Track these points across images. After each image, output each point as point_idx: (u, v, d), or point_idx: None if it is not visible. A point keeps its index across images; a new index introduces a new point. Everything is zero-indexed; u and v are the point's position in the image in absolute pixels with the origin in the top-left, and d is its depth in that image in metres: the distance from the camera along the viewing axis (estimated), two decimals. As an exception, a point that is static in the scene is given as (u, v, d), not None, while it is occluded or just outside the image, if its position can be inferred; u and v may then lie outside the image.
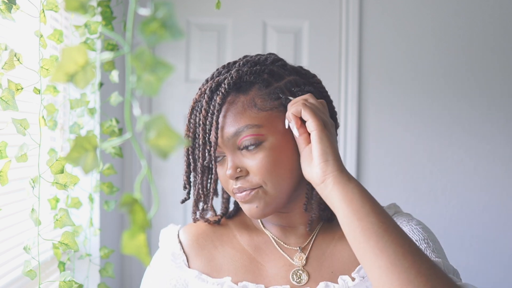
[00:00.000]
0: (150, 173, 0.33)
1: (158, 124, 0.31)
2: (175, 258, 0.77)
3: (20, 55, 0.83)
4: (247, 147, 0.70)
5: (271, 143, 0.70)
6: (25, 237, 1.08)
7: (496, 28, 1.92)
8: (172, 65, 0.32)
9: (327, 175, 0.66)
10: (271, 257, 0.77)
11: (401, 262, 0.57)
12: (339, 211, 0.64)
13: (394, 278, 0.57)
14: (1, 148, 0.83)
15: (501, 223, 1.93)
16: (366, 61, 1.92)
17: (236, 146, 0.71)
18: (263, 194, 0.71)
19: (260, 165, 0.69)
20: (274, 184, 0.70)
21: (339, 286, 0.72)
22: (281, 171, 0.70)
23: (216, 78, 0.74)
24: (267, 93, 0.72)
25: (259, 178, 0.70)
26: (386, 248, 0.59)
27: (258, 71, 0.74)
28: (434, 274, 0.57)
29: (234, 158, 0.71)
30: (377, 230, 0.60)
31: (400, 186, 1.93)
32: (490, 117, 1.92)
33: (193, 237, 0.80)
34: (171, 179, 1.89)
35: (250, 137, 0.70)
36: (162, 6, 0.31)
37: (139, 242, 0.31)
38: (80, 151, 0.32)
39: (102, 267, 1.33)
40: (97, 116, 1.36)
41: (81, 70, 0.33)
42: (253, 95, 0.72)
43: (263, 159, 0.69)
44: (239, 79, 0.72)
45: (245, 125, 0.70)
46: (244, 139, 0.70)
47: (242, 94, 0.72)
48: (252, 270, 0.75)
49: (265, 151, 0.70)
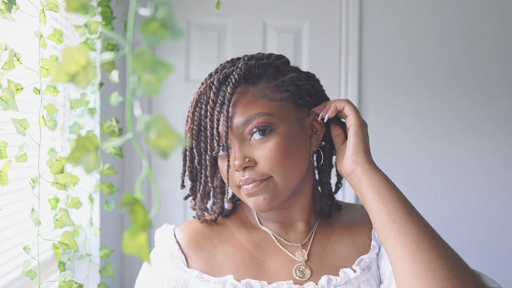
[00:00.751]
0: (151, 173, 0.33)
1: (158, 124, 0.31)
2: (173, 259, 0.76)
3: (20, 55, 0.83)
4: (257, 134, 0.70)
5: (282, 132, 0.71)
6: (25, 237, 1.08)
7: (496, 28, 1.92)
8: (172, 65, 0.32)
9: (357, 165, 0.72)
10: (272, 253, 0.77)
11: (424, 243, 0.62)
12: (367, 197, 0.70)
13: (417, 256, 0.62)
14: (1, 148, 0.83)
15: (501, 223, 1.93)
16: (366, 61, 1.92)
17: (244, 137, 0.71)
18: (271, 185, 0.71)
19: (270, 154, 0.70)
20: (283, 174, 0.71)
21: (341, 278, 0.74)
22: (291, 161, 0.71)
23: (223, 71, 0.74)
24: (276, 85, 0.73)
25: (268, 168, 0.70)
26: (410, 230, 0.64)
27: (265, 64, 0.75)
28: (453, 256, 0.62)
29: (242, 148, 0.71)
30: (401, 214, 0.66)
31: (400, 186, 1.92)
32: (490, 117, 1.92)
33: (191, 236, 0.79)
34: (171, 179, 1.88)
35: (261, 125, 0.70)
36: (162, 6, 0.31)
37: (140, 241, 0.31)
38: (82, 151, 0.32)
39: (102, 267, 1.33)
40: (97, 116, 1.36)
41: (82, 70, 0.33)
42: (263, 86, 0.73)
43: (274, 147, 0.70)
44: (248, 71, 0.73)
45: (256, 113, 0.70)
46: (254, 127, 0.70)
47: (251, 85, 0.73)
48: (253, 267, 0.75)
49: (276, 140, 0.70)
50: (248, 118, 0.70)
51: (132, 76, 0.32)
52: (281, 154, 0.70)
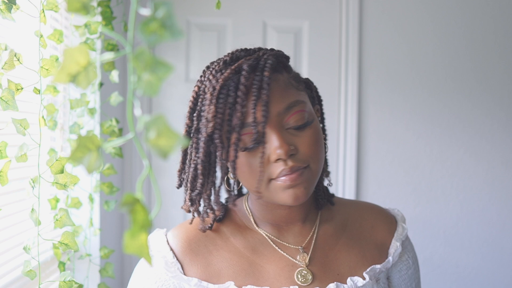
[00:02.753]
0: (152, 173, 0.33)
1: (158, 124, 0.31)
2: (168, 267, 0.72)
3: (20, 55, 0.83)
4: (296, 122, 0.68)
5: (315, 123, 0.70)
6: (25, 237, 1.08)
7: (497, 27, 1.92)
8: (172, 65, 0.32)
9: None
10: (271, 258, 0.74)
11: None
12: None
13: None
14: (1, 148, 0.83)
15: (501, 223, 1.93)
16: (366, 61, 1.92)
17: (282, 124, 0.67)
18: (309, 173, 0.68)
19: (310, 141, 0.68)
20: (318, 163, 0.69)
21: (348, 286, 0.72)
22: (322, 149, 0.71)
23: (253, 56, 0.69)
24: (294, 76, 0.73)
25: (309, 155, 0.68)
26: None
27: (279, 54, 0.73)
28: None
29: (283, 135, 0.66)
30: None
31: (400, 186, 1.93)
32: (491, 117, 1.93)
33: (185, 243, 0.75)
34: (171, 179, 1.88)
35: (301, 113, 0.68)
36: (162, 6, 0.31)
37: (140, 242, 0.31)
38: (84, 151, 0.32)
39: (102, 267, 1.33)
40: (97, 116, 1.36)
41: (83, 70, 0.33)
42: (287, 76, 0.71)
43: (313, 135, 0.69)
44: (277, 59, 0.71)
45: (295, 100, 0.68)
46: (295, 114, 0.68)
47: (279, 73, 0.70)
48: (252, 273, 0.72)
49: (313, 127, 0.69)
50: (289, 104, 0.67)
51: (132, 76, 0.32)
52: (318, 142, 0.69)
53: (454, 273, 1.91)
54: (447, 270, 1.90)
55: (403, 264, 0.80)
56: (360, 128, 1.93)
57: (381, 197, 1.92)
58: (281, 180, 0.67)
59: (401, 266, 0.80)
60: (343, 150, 1.92)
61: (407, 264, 0.81)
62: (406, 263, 0.81)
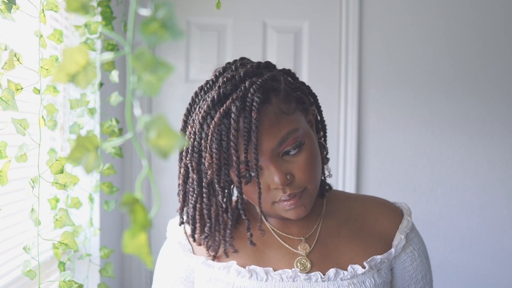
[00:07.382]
0: (151, 173, 0.33)
1: (158, 124, 0.31)
2: (181, 247, 0.82)
3: (20, 55, 0.83)
4: (289, 152, 0.70)
5: (308, 142, 0.72)
6: (25, 237, 1.08)
7: (498, 28, 1.92)
8: (172, 65, 0.32)
9: None
10: (273, 246, 0.79)
11: None
12: None
13: None
14: (1, 148, 0.83)
15: (501, 223, 1.93)
16: (366, 61, 1.92)
17: (277, 154, 0.70)
18: (307, 193, 0.73)
19: (305, 166, 0.71)
20: (315, 182, 0.73)
21: (347, 272, 0.75)
22: (318, 167, 0.74)
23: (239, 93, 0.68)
24: (284, 97, 0.72)
25: (305, 179, 0.71)
26: None
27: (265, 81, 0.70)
28: None
29: (279, 166, 0.70)
30: None
31: (400, 186, 1.93)
32: (491, 117, 1.93)
33: None
34: (171, 179, 1.89)
35: (294, 142, 0.70)
36: (162, 6, 0.31)
37: (140, 241, 0.31)
38: (82, 151, 0.32)
39: (102, 267, 1.33)
40: (97, 116, 1.36)
41: (82, 70, 0.33)
42: (276, 102, 0.70)
43: (307, 159, 0.71)
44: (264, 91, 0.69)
45: (286, 132, 0.70)
46: (288, 146, 0.70)
47: (267, 104, 0.69)
48: (255, 257, 0.78)
49: (306, 151, 0.71)
50: (281, 139, 0.69)
51: (132, 76, 0.32)
52: (313, 164, 0.72)
53: (454, 273, 1.91)
54: (447, 270, 1.90)
55: (407, 256, 0.81)
56: (360, 128, 1.93)
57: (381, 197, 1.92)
58: (282, 205, 0.73)
59: (405, 258, 0.81)
60: (343, 150, 1.92)
61: (412, 256, 0.82)
62: (411, 255, 0.82)
